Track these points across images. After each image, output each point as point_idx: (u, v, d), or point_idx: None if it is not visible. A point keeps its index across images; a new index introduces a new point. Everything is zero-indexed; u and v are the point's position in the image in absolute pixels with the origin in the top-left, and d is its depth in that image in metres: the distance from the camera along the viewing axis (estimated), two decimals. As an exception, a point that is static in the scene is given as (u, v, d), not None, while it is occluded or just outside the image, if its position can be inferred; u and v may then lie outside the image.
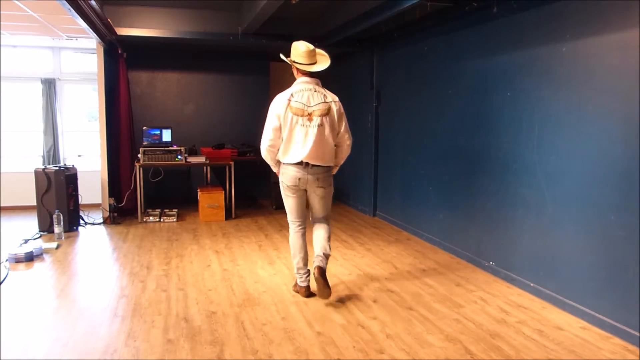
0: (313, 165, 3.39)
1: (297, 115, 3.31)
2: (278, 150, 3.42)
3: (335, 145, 3.48)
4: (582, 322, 3.14)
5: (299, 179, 3.40)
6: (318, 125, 3.33)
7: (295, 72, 3.47)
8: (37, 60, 7.13)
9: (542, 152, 3.54)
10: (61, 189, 5.38)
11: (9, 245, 4.82)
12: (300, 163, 3.37)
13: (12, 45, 6.87)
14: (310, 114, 3.32)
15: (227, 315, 3.24)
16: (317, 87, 3.41)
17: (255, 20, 5.22)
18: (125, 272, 4.13)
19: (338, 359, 2.67)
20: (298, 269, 3.57)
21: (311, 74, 3.43)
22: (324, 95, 3.40)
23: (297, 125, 3.31)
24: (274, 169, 3.56)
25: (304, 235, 3.59)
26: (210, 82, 7.47)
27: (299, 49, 3.35)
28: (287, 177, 3.43)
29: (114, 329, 3.01)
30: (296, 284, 3.66)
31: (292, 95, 3.33)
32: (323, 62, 3.42)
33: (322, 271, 3.39)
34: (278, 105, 3.33)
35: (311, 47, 3.38)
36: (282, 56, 3.49)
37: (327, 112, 3.36)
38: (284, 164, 3.44)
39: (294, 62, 3.40)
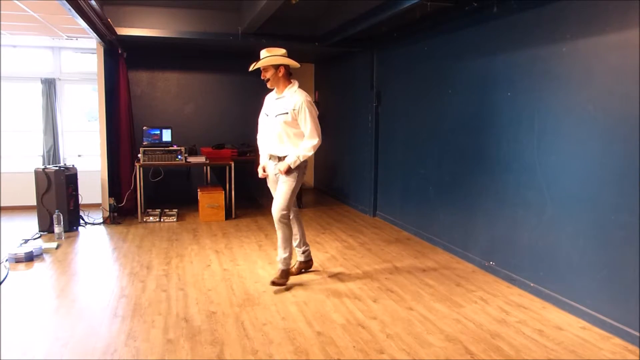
0: None
1: None
2: None
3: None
4: (582, 322, 3.15)
5: None
6: None
7: (283, 75, 3.70)
8: (37, 60, 7.13)
9: (542, 152, 3.54)
10: (61, 189, 5.38)
11: (9, 245, 4.82)
12: None
13: (12, 45, 6.87)
14: None
15: (227, 315, 3.24)
16: None
17: (255, 20, 5.22)
18: (125, 272, 4.13)
19: (338, 359, 2.68)
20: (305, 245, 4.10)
21: None
22: None
23: None
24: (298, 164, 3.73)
25: None
26: (210, 82, 7.47)
27: (283, 51, 3.70)
28: (304, 167, 3.84)
29: (114, 329, 3.01)
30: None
31: None
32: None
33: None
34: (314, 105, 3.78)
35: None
36: (285, 59, 3.67)
37: None
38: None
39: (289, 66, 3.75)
